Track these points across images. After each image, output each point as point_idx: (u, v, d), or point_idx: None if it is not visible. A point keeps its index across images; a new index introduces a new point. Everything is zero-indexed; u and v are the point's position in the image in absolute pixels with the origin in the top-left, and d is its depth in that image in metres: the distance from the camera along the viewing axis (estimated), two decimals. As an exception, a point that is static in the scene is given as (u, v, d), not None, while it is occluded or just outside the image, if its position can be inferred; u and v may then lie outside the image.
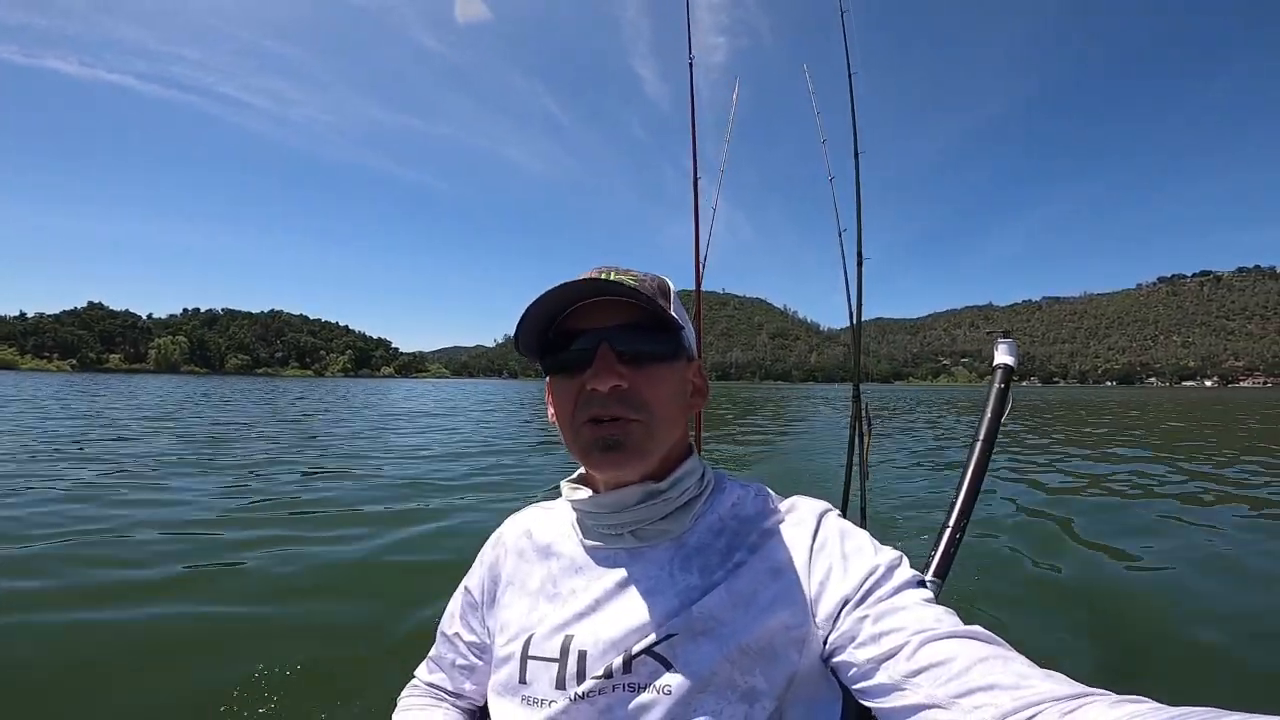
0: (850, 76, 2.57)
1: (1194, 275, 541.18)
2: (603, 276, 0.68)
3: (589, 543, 0.74)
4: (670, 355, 0.70)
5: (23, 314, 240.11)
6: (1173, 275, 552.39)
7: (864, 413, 2.36)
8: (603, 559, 0.72)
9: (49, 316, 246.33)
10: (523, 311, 0.66)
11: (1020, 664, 0.52)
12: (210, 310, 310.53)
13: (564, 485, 0.78)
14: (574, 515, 0.77)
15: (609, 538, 0.72)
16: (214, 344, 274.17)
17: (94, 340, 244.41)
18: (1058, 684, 0.48)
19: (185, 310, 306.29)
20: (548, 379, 0.73)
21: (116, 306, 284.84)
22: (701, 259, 2.37)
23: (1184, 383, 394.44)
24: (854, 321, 2.65)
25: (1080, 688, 0.48)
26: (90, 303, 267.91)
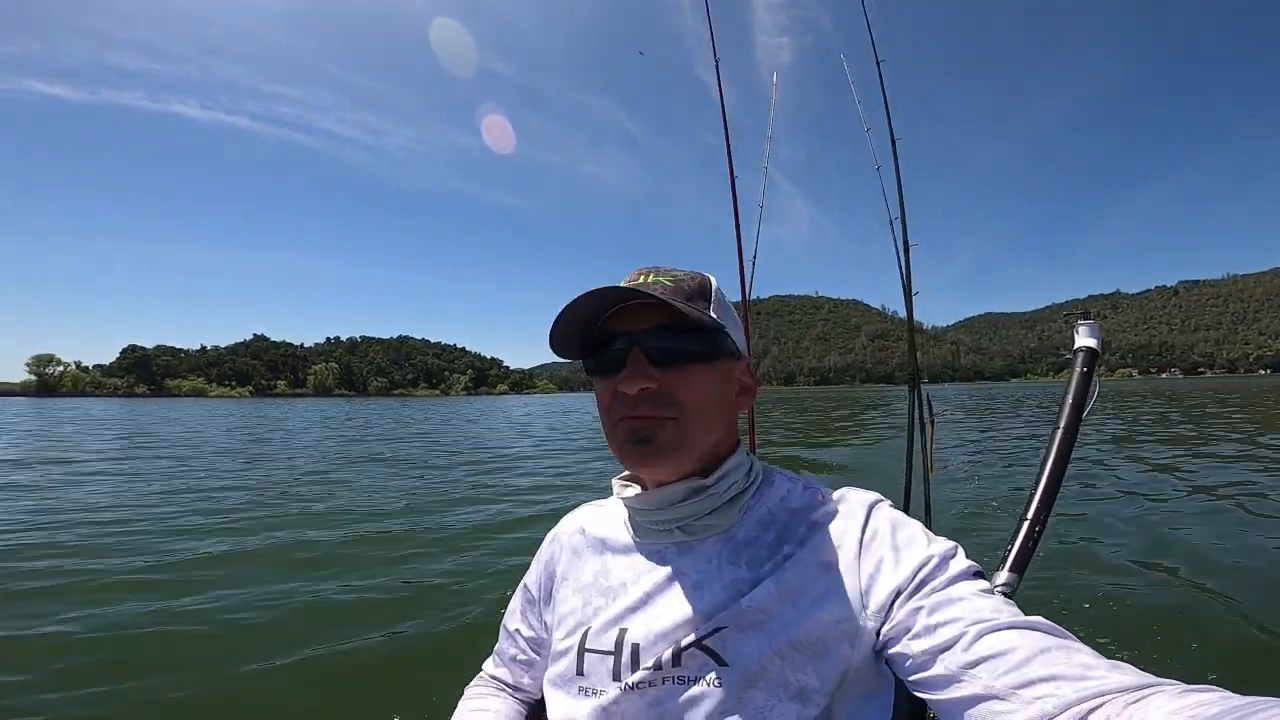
0: (878, 64, 2.62)
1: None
2: (642, 279, 0.70)
3: (640, 538, 0.76)
4: (707, 355, 0.70)
5: (203, 347, 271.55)
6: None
7: (924, 401, 2.30)
8: (653, 554, 0.73)
9: (224, 349, 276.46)
10: (555, 317, 0.68)
11: (1085, 655, 0.50)
12: (350, 338, 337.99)
13: (615, 482, 0.80)
14: (625, 512, 0.79)
15: (659, 533, 0.74)
16: (357, 369, 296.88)
17: (263, 369, 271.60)
18: (1125, 674, 0.47)
19: (328, 339, 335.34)
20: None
21: (275, 337, 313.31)
22: (751, 258, 2.35)
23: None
24: (908, 311, 2.60)
25: (1149, 678, 0.46)
26: (255, 335, 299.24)
